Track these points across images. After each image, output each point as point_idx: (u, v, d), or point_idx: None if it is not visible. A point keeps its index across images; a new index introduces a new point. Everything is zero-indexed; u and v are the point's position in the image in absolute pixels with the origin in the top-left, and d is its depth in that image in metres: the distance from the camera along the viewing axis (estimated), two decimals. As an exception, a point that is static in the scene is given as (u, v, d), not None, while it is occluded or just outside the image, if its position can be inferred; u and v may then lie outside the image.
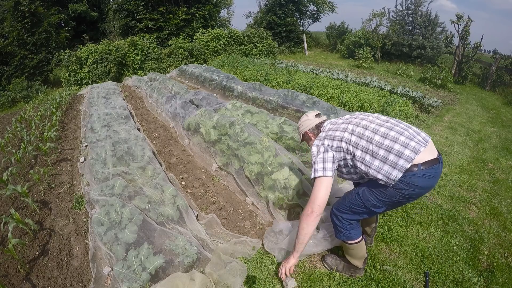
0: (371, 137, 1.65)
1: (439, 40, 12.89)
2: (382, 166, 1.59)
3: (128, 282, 1.94)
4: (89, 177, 3.41)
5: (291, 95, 5.50)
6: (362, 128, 1.71)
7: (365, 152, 1.65)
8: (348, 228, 1.88)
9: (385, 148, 1.59)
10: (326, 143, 1.78)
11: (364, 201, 1.74)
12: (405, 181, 1.57)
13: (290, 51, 17.88)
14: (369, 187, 1.73)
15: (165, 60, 12.41)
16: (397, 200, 1.67)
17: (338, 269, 2.13)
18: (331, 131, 1.81)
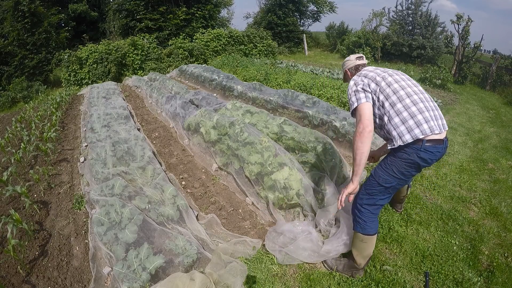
0: (403, 98, 1.76)
1: (439, 40, 12.90)
2: (400, 126, 1.73)
3: (128, 282, 1.94)
4: (89, 177, 3.41)
5: (291, 95, 5.50)
6: (399, 86, 1.80)
7: (391, 106, 1.76)
8: (366, 219, 1.95)
9: (410, 113, 1.72)
10: (361, 80, 1.88)
11: (377, 178, 1.87)
12: (409, 151, 1.73)
13: (290, 51, 17.89)
14: (379, 165, 1.90)
15: (165, 60, 12.41)
16: (403, 171, 1.79)
17: (338, 269, 2.15)
18: (370, 73, 1.92)
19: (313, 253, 2.25)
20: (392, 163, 1.81)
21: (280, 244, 2.33)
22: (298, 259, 2.23)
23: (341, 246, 2.27)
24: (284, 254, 2.25)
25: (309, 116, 4.63)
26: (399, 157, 1.77)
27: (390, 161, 1.82)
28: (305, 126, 4.58)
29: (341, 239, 2.31)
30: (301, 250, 2.26)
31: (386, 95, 1.78)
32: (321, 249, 2.27)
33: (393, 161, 1.80)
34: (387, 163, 1.84)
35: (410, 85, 1.83)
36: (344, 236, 2.32)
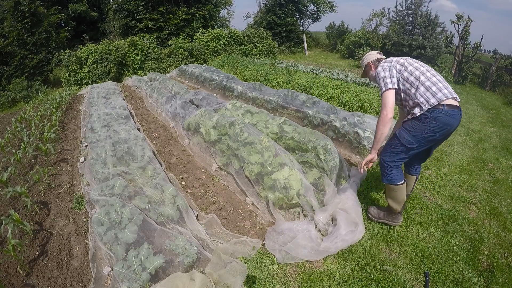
0: (423, 72, 2.15)
1: (439, 40, 12.88)
2: (425, 92, 2.07)
3: (128, 282, 1.94)
4: (89, 177, 3.41)
5: (291, 95, 5.50)
6: (419, 65, 2.22)
7: (416, 79, 2.13)
8: (389, 172, 2.27)
9: (432, 82, 2.09)
10: (389, 65, 2.25)
11: (401, 138, 2.17)
12: (432, 116, 2.04)
13: (290, 51, 17.89)
14: (403, 127, 2.19)
15: (165, 60, 12.41)
16: (426, 135, 2.09)
17: (380, 217, 2.56)
18: (393, 59, 2.31)
19: (312, 251, 2.25)
20: (416, 126, 2.11)
21: (280, 243, 2.33)
22: (298, 257, 2.23)
23: (340, 242, 2.28)
24: (284, 253, 2.25)
25: (309, 116, 4.63)
26: (423, 122, 2.07)
27: (415, 125, 2.11)
28: (305, 126, 4.58)
29: (338, 235, 2.32)
30: (301, 248, 2.27)
31: (410, 71, 2.16)
32: (320, 246, 2.28)
33: (418, 125, 2.10)
34: (412, 126, 2.13)
35: (424, 65, 2.24)
36: (342, 231, 2.34)
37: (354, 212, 2.50)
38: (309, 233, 2.38)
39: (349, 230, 2.35)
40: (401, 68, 2.21)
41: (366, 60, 2.49)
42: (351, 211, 2.51)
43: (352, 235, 2.33)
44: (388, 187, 2.37)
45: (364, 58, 2.52)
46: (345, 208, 2.55)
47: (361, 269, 2.17)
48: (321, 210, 2.56)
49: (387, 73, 2.22)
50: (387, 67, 2.24)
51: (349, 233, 2.33)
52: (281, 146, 3.34)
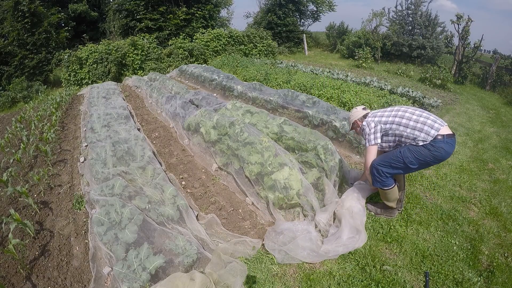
0: (410, 118, 2.36)
1: (439, 40, 12.87)
2: (420, 133, 2.29)
3: (128, 282, 1.94)
4: (89, 177, 3.41)
5: (291, 95, 5.50)
6: (403, 112, 2.42)
7: (406, 125, 2.35)
8: (384, 180, 2.45)
9: (422, 122, 2.30)
10: (375, 120, 2.46)
11: (404, 158, 2.33)
12: (436, 145, 2.24)
13: (290, 51, 17.87)
14: (409, 148, 2.34)
15: (165, 60, 12.40)
16: (428, 160, 2.30)
17: (377, 212, 2.73)
18: (378, 112, 2.53)
19: (312, 253, 2.25)
20: (423, 152, 2.27)
21: (280, 243, 2.33)
22: (297, 258, 2.23)
23: (340, 247, 2.27)
24: (284, 254, 2.25)
25: (309, 116, 4.63)
26: (429, 150, 2.25)
27: (422, 151, 2.28)
28: (305, 126, 4.58)
29: (340, 240, 2.31)
30: (300, 249, 2.26)
31: (398, 122, 2.38)
32: (320, 249, 2.27)
33: (425, 151, 2.27)
34: (419, 151, 2.28)
35: (407, 109, 2.43)
36: (344, 236, 2.33)
37: (359, 219, 2.49)
38: (310, 235, 2.38)
39: (351, 236, 2.34)
40: (387, 119, 2.42)
41: (353, 118, 2.67)
42: (357, 217, 2.49)
43: (354, 242, 2.33)
44: (380, 190, 2.57)
45: (351, 116, 2.70)
46: (351, 211, 2.54)
47: (361, 269, 2.17)
48: (322, 211, 2.56)
49: (371, 130, 2.44)
50: (372, 123, 2.45)
51: (350, 239, 2.33)
52: (281, 146, 3.34)
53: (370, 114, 2.60)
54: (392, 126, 2.41)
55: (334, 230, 2.44)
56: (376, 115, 2.53)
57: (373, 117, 2.51)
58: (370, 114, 2.59)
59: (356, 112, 2.66)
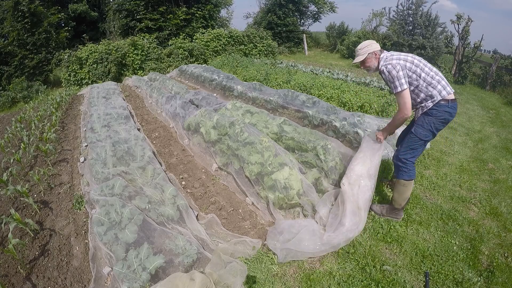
0: (431, 69, 2.36)
1: (439, 40, 12.86)
2: (437, 85, 2.31)
3: (128, 282, 1.94)
4: (89, 177, 3.41)
5: (291, 95, 5.50)
6: (424, 63, 2.38)
7: (427, 75, 2.33)
8: (410, 168, 2.46)
9: (439, 77, 2.34)
10: (401, 63, 2.31)
11: (418, 135, 2.40)
12: (441, 109, 2.31)
13: (290, 51, 17.88)
14: (417, 124, 2.41)
15: (165, 60, 12.40)
16: (437, 126, 2.37)
17: (383, 213, 2.67)
18: (400, 55, 2.38)
19: (315, 243, 2.26)
20: (429, 121, 2.35)
21: (282, 241, 2.33)
22: (302, 252, 2.23)
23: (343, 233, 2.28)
24: (286, 251, 2.25)
25: (309, 116, 4.63)
26: (435, 116, 2.33)
27: (428, 120, 2.36)
28: (305, 126, 4.58)
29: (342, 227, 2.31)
30: (304, 242, 2.27)
31: (421, 68, 2.33)
32: (324, 237, 2.29)
33: (430, 119, 2.35)
34: (426, 122, 2.37)
35: (426, 63, 2.39)
36: (346, 222, 2.33)
37: (363, 197, 2.45)
38: (312, 227, 2.39)
39: (354, 222, 2.35)
40: (411, 65, 2.32)
41: (371, 49, 2.42)
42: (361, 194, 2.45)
43: (356, 225, 2.34)
44: (400, 182, 2.52)
45: (366, 47, 2.44)
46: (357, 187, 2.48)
47: (361, 269, 2.17)
48: (322, 199, 2.58)
49: (400, 73, 2.28)
50: (398, 66, 2.29)
51: (353, 224, 2.34)
52: (281, 146, 3.34)
53: (387, 52, 2.45)
54: (412, 75, 2.33)
55: (335, 214, 2.45)
56: (393, 56, 2.37)
57: (396, 58, 2.35)
58: (387, 53, 2.44)
59: (373, 44, 2.44)
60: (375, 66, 2.46)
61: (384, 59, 2.40)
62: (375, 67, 2.47)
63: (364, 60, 2.47)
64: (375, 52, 2.42)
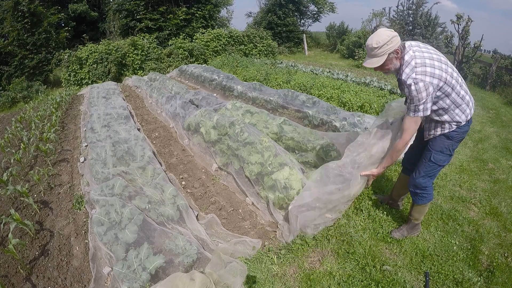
0: (462, 87, 1.95)
1: (439, 40, 12.88)
2: (466, 109, 1.99)
3: (128, 282, 1.94)
4: (89, 177, 3.41)
5: (291, 95, 5.50)
6: (456, 78, 1.92)
7: (457, 94, 1.93)
8: (430, 191, 2.25)
9: (466, 101, 1.99)
10: (434, 83, 1.82)
11: (438, 162, 2.12)
12: (462, 130, 2.05)
13: (290, 51, 17.88)
14: (435, 151, 2.10)
15: (165, 60, 12.41)
16: (455, 147, 2.12)
17: (404, 235, 2.45)
18: (437, 70, 1.83)
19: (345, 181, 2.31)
20: (449, 146, 2.08)
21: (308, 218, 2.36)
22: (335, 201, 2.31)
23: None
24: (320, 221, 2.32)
25: (309, 116, 4.63)
26: (455, 139, 2.06)
27: (448, 144, 2.07)
28: (305, 126, 4.58)
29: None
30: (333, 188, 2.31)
31: (453, 86, 1.89)
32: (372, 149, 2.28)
33: (449, 143, 2.07)
34: (445, 147, 2.08)
35: (459, 75, 1.98)
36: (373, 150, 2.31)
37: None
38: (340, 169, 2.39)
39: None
40: (444, 84, 1.85)
41: (392, 46, 1.83)
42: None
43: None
44: (422, 207, 2.32)
45: (385, 44, 1.82)
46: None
47: (361, 269, 2.17)
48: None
49: (429, 98, 1.82)
50: (431, 88, 1.80)
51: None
52: (281, 146, 3.34)
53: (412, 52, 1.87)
54: (440, 95, 1.89)
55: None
56: (427, 69, 1.81)
57: (429, 74, 1.80)
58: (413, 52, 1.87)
59: (395, 37, 1.83)
60: (397, 67, 1.93)
61: (410, 66, 1.84)
62: (396, 68, 1.94)
63: (384, 63, 1.90)
64: (397, 50, 1.86)
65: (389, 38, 1.82)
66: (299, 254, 2.30)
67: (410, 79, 1.83)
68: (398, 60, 1.91)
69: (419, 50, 1.90)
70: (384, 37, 1.82)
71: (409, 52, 1.88)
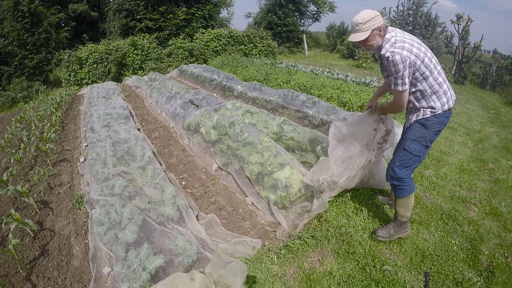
0: (440, 74, 2.02)
1: (439, 40, 12.88)
2: (442, 97, 2.03)
3: (128, 282, 1.94)
4: (89, 177, 3.41)
5: (291, 95, 5.50)
6: (435, 63, 2.01)
7: (435, 80, 2.00)
8: (409, 183, 2.23)
9: (446, 87, 2.05)
10: (411, 59, 1.91)
11: (412, 151, 2.14)
12: (438, 120, 2.06)
13: (290, 51, 17.89)
14: (410, 139, 2.14)
15: (165, 60, 12.41)
16: (432, 138, 2.13)
17: (391, 234, 2.40)
18: (415, 48, 1.94)
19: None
20: (423, 135, 2.10)
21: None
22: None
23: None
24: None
25: (309, 116, 4.63)
26: (430, 129, 2.07)
27: (422, 133, 2.10)
28: (305, 126, 4.58)
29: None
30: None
31: (431, 70, 1.97)
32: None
33: (425, 133, 2.09)
34: (420, 136, 2.11)
35: (438, 63, 2.05)
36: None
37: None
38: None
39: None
40: (421, 64, 1.94)
41: (376, 23, 1.95)
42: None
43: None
44: (404, 200, 2.29)
45: (369, 20, 1.96)
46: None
47: (361, 269, 2.17)
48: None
49: (405, 72, 1.91)
50: (407, 61, 1.89)
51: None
52: (281, 146, 3.34)
53: (393, 31, 2.01)
54: (418, 76, 1.96)
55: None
56: (405, 44, 1.92)
57: (407, 49, 1.90)
58: (393, 32, 2.00)
59: (377, 16, 1.97)
60: (379, 45, 2.03)
61: (390, 42, 1.97)
62: (378, 45, 2.04)
63: (367, 38, 2.00)
64: (380, 27, 1.98)
65: (373, 16, 1.97)
66: (299, 254, 2.30)
67: (388, 52, 1.95)
68: (380, 38, 2.02)
69: (401, 33, 2.03)
70: (368, 15, 1.98)
71: (391, 33, 2.01)
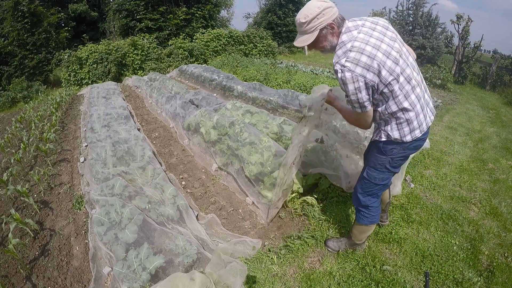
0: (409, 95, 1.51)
1: (439, 40, 12.88)
2: (414, 120, 1.56)
3: (128, 282, 1.94)
4: (89, 177, 3.41)
5: (291, 95, 5.50)
6: (406, 78, 1.49)
7: (405, 97, 1.51)
8: (374, 212, 1.97)
9: (415, 112, 1.56)
10: (368, 77, 1.42)
11: (373, 180, 1.83)
12: (403, 145, 1.66)
13: (290, 51, 17.90)
14: (369, 166, 1.84)
15: (165, 60, 12.41)
16: (396, 165, 1.77)
17: (341, 248, 2.26)
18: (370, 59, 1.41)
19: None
20: (384, 162, 1.74)
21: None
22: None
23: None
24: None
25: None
26: (390, 155, 1.69)
27: (382, 160, 1.73)
28: (305, 126, 4.58)
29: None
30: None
31: (400, 86, 1.48)
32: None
33: (385, 160, 1.72)
34: (379, 163, 1.76)
35: (412, 72, 1.54)
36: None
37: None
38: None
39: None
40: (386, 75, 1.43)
41: (324, 21, 1.47)
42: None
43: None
44: (363, 227, 2.07)
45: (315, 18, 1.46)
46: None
47: (361, 269, 2.17)
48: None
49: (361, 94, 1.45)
50: (361, 81, 1.42)
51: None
52: (281, 146, 3.34)
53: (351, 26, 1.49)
54: (384, 89, 1.47)
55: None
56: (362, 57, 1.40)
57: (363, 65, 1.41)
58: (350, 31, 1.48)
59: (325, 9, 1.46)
60: (333, 45, 1.54)
61: (345, 48, 1.46)
62: (333, 46, 1.55)
63: (316, 41, 1.55)
64: (331, 24, 1.49)
65: (320, 10, 1.45)
66: (299, 254, 2.30)
67: (338, 64, 1.46)
68: (335, 37, 1.53)
69: (367, 33, 1.46)
70: (313, 10, 1.46)
71: (352, 32, 1.48)
